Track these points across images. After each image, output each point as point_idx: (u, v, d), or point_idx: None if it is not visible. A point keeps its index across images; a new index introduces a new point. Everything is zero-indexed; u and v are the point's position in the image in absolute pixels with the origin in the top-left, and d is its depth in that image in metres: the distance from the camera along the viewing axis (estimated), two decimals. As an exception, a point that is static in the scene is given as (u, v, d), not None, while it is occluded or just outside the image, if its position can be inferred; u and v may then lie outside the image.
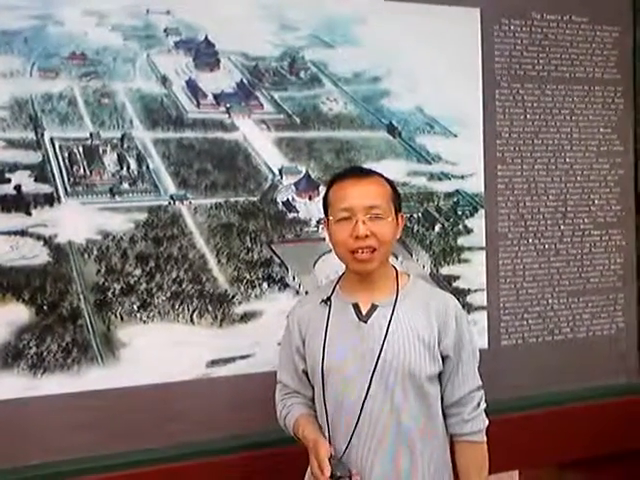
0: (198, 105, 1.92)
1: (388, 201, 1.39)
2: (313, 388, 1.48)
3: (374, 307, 1.39)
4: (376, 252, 1.36)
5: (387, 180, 1.46)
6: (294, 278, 1.98)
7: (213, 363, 1.89)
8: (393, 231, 1.39)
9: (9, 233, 1.72)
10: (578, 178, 2.33)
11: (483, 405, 1.45)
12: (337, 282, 1.49)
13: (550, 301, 2.29)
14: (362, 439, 1.35)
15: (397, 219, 1.42)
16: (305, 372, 1.50)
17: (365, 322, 1.39)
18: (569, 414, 2.20)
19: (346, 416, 1.37)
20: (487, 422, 1.44)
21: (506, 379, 2.17)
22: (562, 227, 2.31)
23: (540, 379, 2.24)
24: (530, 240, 2.26)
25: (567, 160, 2.31)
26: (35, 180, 1.74)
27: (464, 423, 1.41)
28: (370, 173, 1.45)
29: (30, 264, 1.73)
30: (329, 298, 1.44)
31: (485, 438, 1.44)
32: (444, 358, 1.40)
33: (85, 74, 1.79)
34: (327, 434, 1.40)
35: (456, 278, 2.16)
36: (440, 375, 1.41)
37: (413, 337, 1.36)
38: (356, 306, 1.41)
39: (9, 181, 1.72)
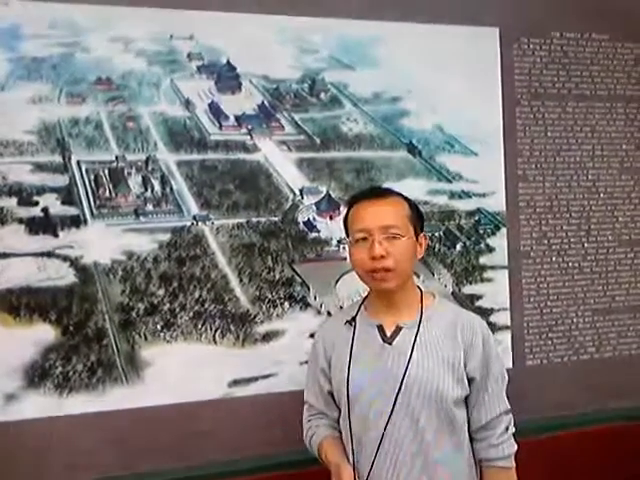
0: (220, 127, 1.95)
1: (406, 221, 1.37)
2: (339, 409, 1.47)
3: (398, 329, 1.37)
4: (392, 272, 1.34)
5: (407, 200, 1.44)
6: (315, 298, 1.99)
7: (235, 383, 1.90)
8: (411, 250, 1.37)
9: (36, 254, 1.75)
10: (601, 195, 2.30)
11: (512, 429, 1.41)
12: (362, 303, 1.47)
13: (575, 320, 2.25)
14: (385, 463, 1.33)
15: (418, 239, 1.41)
16: (330, 393, 1.48)
17: (390, 344, 1.37)
18: (596, 435, 2.15)
19: (370, 439, 1.35)
20: (515, 447, 1.40)
21: (531, 400, 2.14)
22: (586, 245, 2.28)
23: (566, 400, 2.20)
24: (553, 258, 2.24)
25: (590, 177, 2.29)
26: (62, 203, 1.78)
27: (492, 448, 1.37)
28: (387, 193, 1.44)
29: (56, 285, 1.76)
30: (354, 319, 1.42)
31: (514, 463, 1.40)
32: (470, 380, 1.37)
33: (111, 99, 1.84)
34: (352, 455, 1.38)
35: (479, 297, 2.15)
36: (467, 398, 1.38)
37: (438, 359, 1.34)
38: (380, 328, 1.39)
39: (37, 204, 1.76)
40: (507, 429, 1.39)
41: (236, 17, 1.93)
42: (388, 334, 1.38)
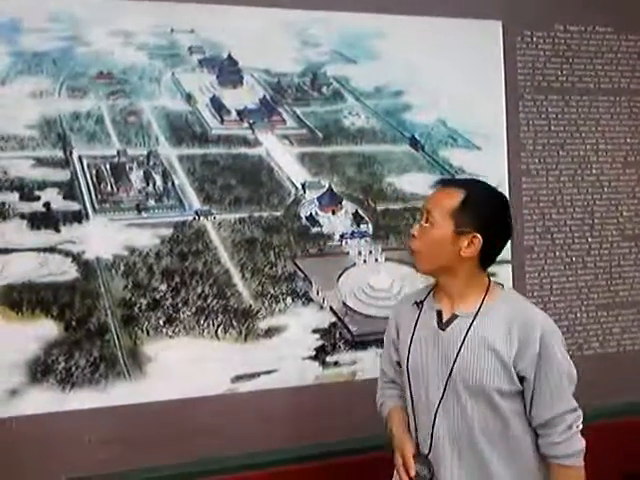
0: (222, 121, 1.94)
1: (445, 213, 1.36)
2: None
3: (454, 317, 1.40)
4: (417, 255, 1.40)
5: (470, 197, 1.37)
6: (318, 292, 1.98)
7: (238, 378, 1.89)
8: (440, 241, 1.36)
9: (38, 250, 1.75)
10: (605, 189, 2.29)
11: (577, 428, 1.38)
12: (433, 287, 1.49)
13: (578, 315, 2.25)
14: (440, 440, 1.37)
15: (463, 236, 1.36)
16: (398, 363, 1.53)
17: (443, 330, 1.39)
18: (600, 430, 2.14)
19: (426, 415, 1.40)
20: (581, 445, 1.37)
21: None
22: (590, 239, 2.27)
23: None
24: (557, 253, 2.23)
25: (593, 171, 2.28)
26: (64, 197, 1.78)
27: (554, 445, 1.36)
28: (452, 184, 1.43)
29: (59, 280, 1.76)
30: (422, 302, 1.46)
31: (582, 462, 1.37)
32: (522, 378, 1.36)
33: (112, 93, 1.83)
34: (414, 428, 1.43)
35: (482, 292, 2.14)
36: (523, 393, 1.37)
37: (486, 350, 1.35)
38: (439, 313, 1.42)
39: (38, 199, 1.76)
40: (570, 427, 1.36)
41: (237, 10, 1.92)
42: (444, 320, 1.41)
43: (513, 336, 1.35)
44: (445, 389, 1.36)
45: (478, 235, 1.35)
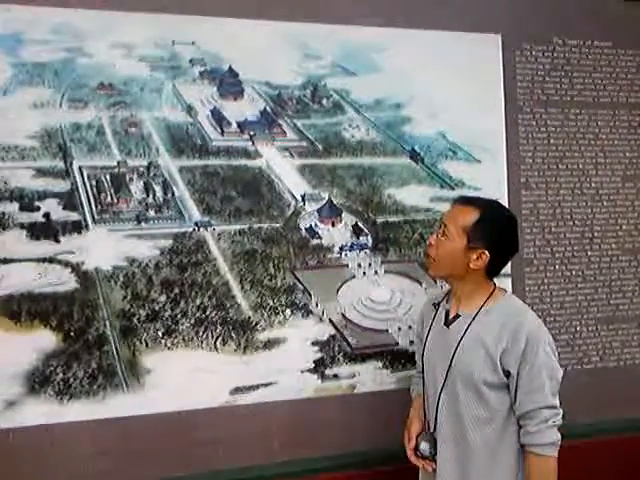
0: (222, 133, 1.94)
1: (459, 229, 1.54)
2: None
3: (457, 316, 1.60)
4: (432, 261, 1.60)
5: (484, 214, 1.54)
6: (317, 305, 1.98)
7: (237, 390, 1.88)
8: (452, 253, 1.55)
9: (38, 260, 1.75)
10: (605, 203, 2.30)
11: (554, 422, 1.51)
12: (449, 291, 1.69)
13: (578, 329, 2.24)
14: (442, 421, 1.57)
15: (473, 250, 1.53)
16: None
17: (448, 327, 1.60)
18: (600, 447, 2.13)
19: (432, 399, 1.61)
20: (555, 438, 1.50)
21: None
22: (589, 253, 2.27)
23: (568, 409, 2.16)
24: (557, 266, 2.23)
25: (593, 185, 2.29)
26: (64, 208, 1.78)
27: (529, 435, 1.50)
28: (469, 202, 1.59)
29: (58, 290, 1.75)
30: (439, 303, 1.68)
31: (554, 454, 1.50)
32: (506, 372, 1.51)
33: (113, 104, 1.84)
34: (426, 408, 1.65)
35: (481, 304, 2.13)
36: (508, 387, 1.53)
37: (479, 345, 1.53)
38: (447, 312, 1.63)
39: (38, 209, 1.76)
40: (546, 421, 1.50)
41: (239, 23, 1.93)
42: (449, 318, 1.61)
43: (503, 334, 1.52)
44: (446, 378, 1.57)
45: (486, 252, 1.53)
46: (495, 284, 1.62)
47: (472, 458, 1.54)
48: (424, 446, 1.60)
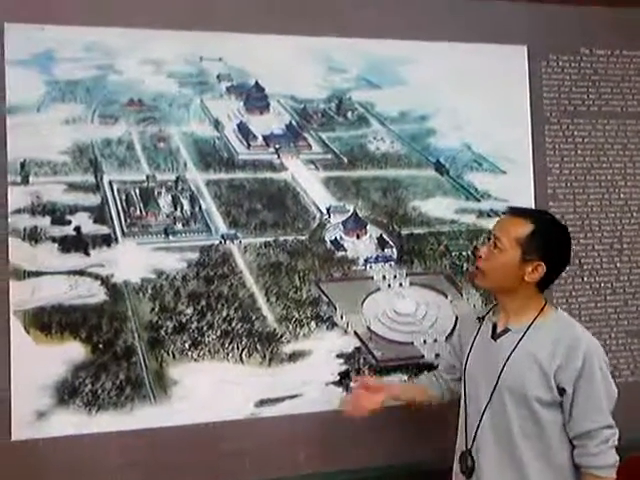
0: (248, 147, 1.97)
1: (513, 240, 1.52)
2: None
3: (506, 330, 1.56)
4: (481, 273, 1.57)
5: (538, 227, 1.52)
6: (342, 317, 1.98)
7: (262, 403, 1.89)
8: (505, 265, 1.52)
9: (68, 273, 1.78)
10: (634, 214, 2.26)
11: (613, 443, 1.48)
12: (494, 305, 1.67)
13: (608, 342, 2.20)
14: (484, 437, 1.53)
15: (528, 262, 1.51)
16: (452, 366, 1.76)
17: (495, 341, 1.56)
18: (632, 464, 2.08)
19: (475, 415, 1.56)
20: (615, 459, 1.47)
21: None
22: (618, 265, 2.24)
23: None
24: (585, 278, 2.19)
25: (622, 196, 2.25)
26: (94, 221, 1.81)
27: (590, 457, 1.46)
28: (521, 214, 1.57)
29: (87, 303, 1.78)
30: (483, 317, 1.64)
31: (614, 475, 1.47)
32: (561, 390, 1.47)
33: (142, 119, 1.87)
34: (463, 423, 1.61)
35: (508, 317, 2.11)
36: (562, 405, 1.49)
37: (531, 362, 1.49)
38: (494, 325, 1.59)
39: (69, 222, 1.80)
40: (606, 441, 1.47)
41: (264, 39, 1.96)
42: (498, 332, 1.57)
43: (558, 351, 1.48)
44: (492, 394, 1.52)
45: (542, 264, 1.51)
46: (546, 299, 1.59)
47: (522, 475, 1.49)
48: (464, 463, 1.56)
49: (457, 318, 2.00)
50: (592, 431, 1.46)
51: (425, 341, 2.05)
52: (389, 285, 2.04)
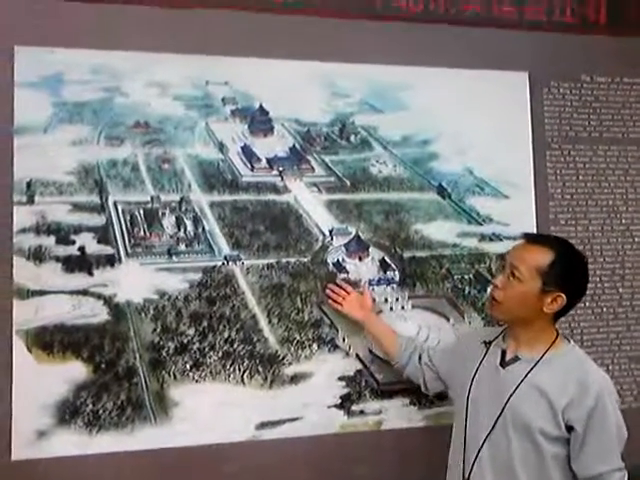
0: (252, 169, 1.99)
1: (533, 270, 1.46)
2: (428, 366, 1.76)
3: (516, 358, 1.51)
4: (498, 305, 1.51)
5: (559, 257, 1.47)
6: (344, 339, 1.97)
7: (262, 425, 1.88)
8: (524, 297, 1.47)
9: (72, 292, 1.79)
10: (636, 239, 2.27)
11: None
12: (505, 329, 1.61)
13: (610, 367, 2.19)
14: (483, 466, 1.48)
15: (548, 293, 1.46)
16: (429, 363, 1.74)
17: (503, 368, 1.51)
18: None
19: (474, 444, 1.51)
20: None
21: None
22: (621, 290, 2.24)
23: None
24: (587, 303, 2.19)
25: (623, 221, 2.26)
26: (98, 242, 1.82)
27: None
28: (540, 242, 1.52)
29: (90, 322, 1.79)
30: (490, 342, 1.58)
31: None
32: (570, 428, 1.43)
33: (148, 141, 1.90)
34: (462, 451, 1.54)
35: (510, 341, 2.11)
36: (569, 442, 1.45)
37: (538, 394, 1.44)
38: (503, 352, 1.54)
39: (74, 242, 1.81)
40: None
41: (269, 63, 1.99)
42: (506, 359, 1.52)
43: (569, 387, 1.43)
44: (495, 423, 1.47)
45: (563, 295, 1.46)
46: (558, 331, 1.55)
47: None
48: None
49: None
50: (604, 474, 1.41)
51: (427, 364, 2.04)
52: (391, 308, 2.04)
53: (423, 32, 2.12)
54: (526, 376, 1.46)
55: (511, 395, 1.46)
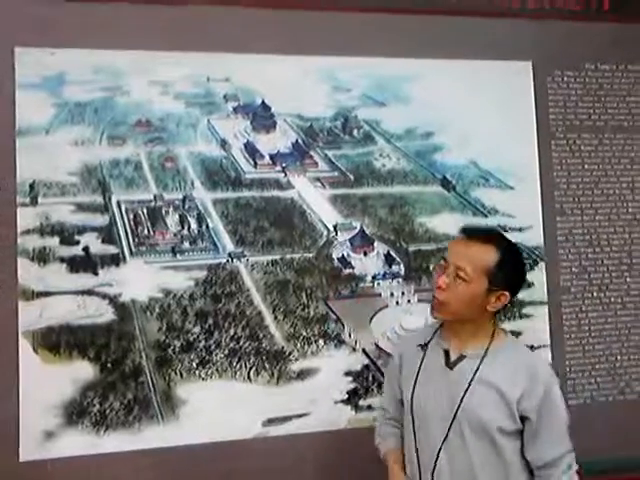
0: (255, 165, 1.98)
1: (479, 270, 1.40)
2: None
3: (462, 357, 1.45)
4: (443, 306, 1.43)
5: (503, 255, 1.42)
6: (350, 335, 1.97)
7: (270, 421, 1.88)
8: (471, 296, 1.41)
9: (77, 292, 1.79)
10: (643, 228, 2.25)
11: (574, 467, 1.45)
12: (440, 326, 1.54)
13: (619, 357, 2.18)
14: (441, 476, 1.42)
15: (493, 292, 1.42)
16: (401, 401, 1.56)
17: (451, 369, 1.45)
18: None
19: (429, 453, 1.44)
20: None
21: (575, 441, 2.06)
22: (628, 279, 2.22)
23: (611, 441, 2.11)
24: (594, 294, 2.18)
25: (630, 210, 2.24)
26: (102, 241, 1.83)
27: None
28: (483, 239, 1.44)
29: (96, 322, 1.79)
30: (427, 344, 1.51)
31: None
32: (524, 418, 1.41)
33: (150, 140, 1.89)
34: (416, 462, 1.47)
35: (518, 334, 2.09)
36: (522, 433, 1.43)
37: (492, 390, 1.40)
38: (446, 352, 1.47)
39: (78, 243, 1.81)
40: (570, 467, 1.43)
41: (270, 59, 1.98)
42: (452, 359, 1.46)
43: (519, 378, 1.41)
44: (450, 427, 1.41)
45: (507, 293, 1.42)
46: (496, 324, 1.50)
47: None
48: None
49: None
50: (557, 458, 1.41)
51: (434, 358, 2.03)
52: (397, 302, 2.04)
53: (425, 23, 2.11)
54: (475, 372, 1.41)
55: (464, 395, 1.40)
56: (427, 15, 2.12)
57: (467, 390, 1.40)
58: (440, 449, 1.41)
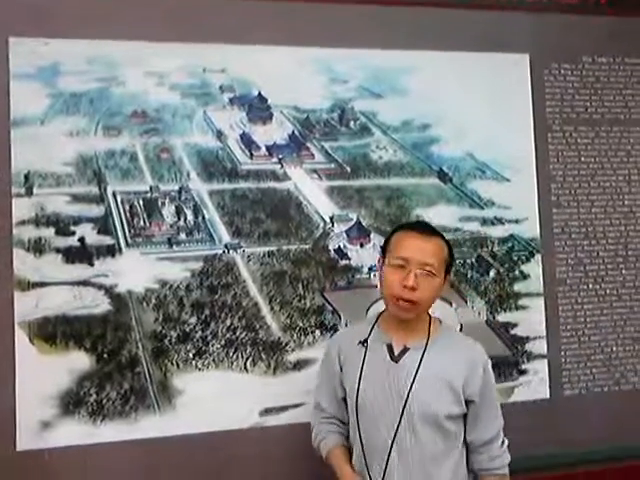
0: (251, 157, 1.98)
1: (441, 262, 1.48)
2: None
3: (406, 349, 1.48)
4: (415, 305, 1.45)
5: (447, 243, 1.53)
6: (347, 325, 1.97)
7: (266, 411, 1.89)
8: (438, 289, 1.49)
9: (73, 283, 1.79)
10: (639, 220, 2.25)
11: (506, 442, 1.54)
12: (376, 321, 1.56)
13: (614, 349, 2.19)
14: (395, 473, 1.44)
15: (445, 280, 1.52)
16: (344, 399, 1.57)
17: (396, 362, 1.47)
18: (633, 472, 2.06)
19: (380, 449, 1.45)
20: (510, 458, 1.53)
21: (570, 431, 2.07)
22: (624, 271, 2.22)
23: (606, 432, 2.12)
24: (590, 285, 2.18)
25: (626, 202, 2.25)
26: (98, 232, 1.82)
27: (495, 459, 1.50)
28: (435, 233, 1.52)
29: (91, 313, 1.79)
30: (366, 340, 1.52)
31: (508, 473, 1.53)
32: (468, 402, 1.48)
33: (146, 131, 1.89)
34: (363, 461, 1.47)
35: (514, 325, 2.10)
36: (465, 416, 1.50)
37: (440, 380, 1.45)
38: (389, 347, 1.49)
39: (74, 233, 1.81)
40: (504, 441, 1.53)
41: (267, 49, 1.97)
42: (396, 353, 1.48)
43: (460, 364, 1.47)
44: (400, 422, 1.43)
45: (448, 278, 1.52)
46: (430, 313, 1.55)
47: None
48: None
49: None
50: (495, 436, 1.50)
51: (430, 349, 2.04)
52: (393, 293, 2.04)
53: (422, 15, 2.10)
54: (420, 362, 1.45)
55: (411, 386, 1.42)
56: (424, 7, 2.11)
57: (414, 381, 1.43)
58: (391, 449, 1.43)
